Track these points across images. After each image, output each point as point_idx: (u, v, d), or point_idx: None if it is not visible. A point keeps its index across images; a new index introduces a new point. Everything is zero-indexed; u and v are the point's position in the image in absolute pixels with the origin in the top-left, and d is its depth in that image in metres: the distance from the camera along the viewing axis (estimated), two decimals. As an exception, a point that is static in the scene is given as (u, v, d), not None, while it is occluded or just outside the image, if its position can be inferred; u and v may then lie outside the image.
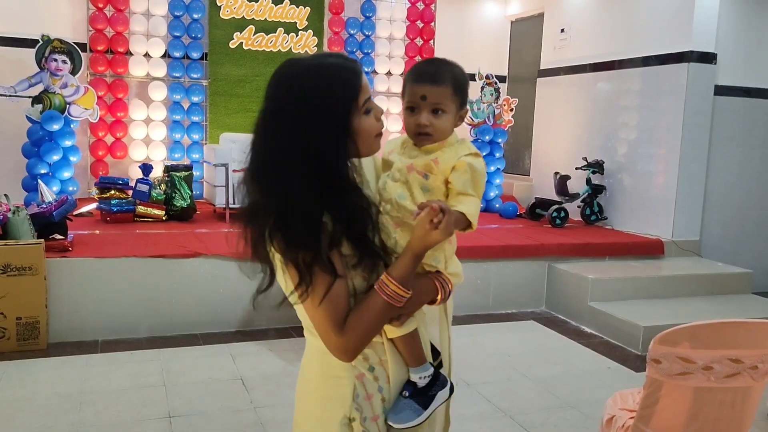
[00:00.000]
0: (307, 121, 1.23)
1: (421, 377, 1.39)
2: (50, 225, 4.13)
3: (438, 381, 1.42)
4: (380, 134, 1.37)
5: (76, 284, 3.97)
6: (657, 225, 5.70)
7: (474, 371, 3.75)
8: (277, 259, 1.28)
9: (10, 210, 3.98)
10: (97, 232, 4.79)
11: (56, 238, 4.08)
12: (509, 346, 4.25)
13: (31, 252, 3.71)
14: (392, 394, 1.39)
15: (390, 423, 1.37)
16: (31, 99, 5.55)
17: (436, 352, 1.49)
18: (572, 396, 3.48)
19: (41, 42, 5.57)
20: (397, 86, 7.01)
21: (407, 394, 1.39)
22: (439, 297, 1.39)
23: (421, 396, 1.39)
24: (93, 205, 5.44)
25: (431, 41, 7.43)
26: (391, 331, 1.36)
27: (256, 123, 1.28)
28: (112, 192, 5.26)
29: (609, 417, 2.43)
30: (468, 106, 1.47)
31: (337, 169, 1.25)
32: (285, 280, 1.30)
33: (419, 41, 7.41)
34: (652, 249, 5.48)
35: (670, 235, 5.56)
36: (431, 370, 1.41)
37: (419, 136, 1.41)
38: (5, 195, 4.15)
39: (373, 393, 1.37)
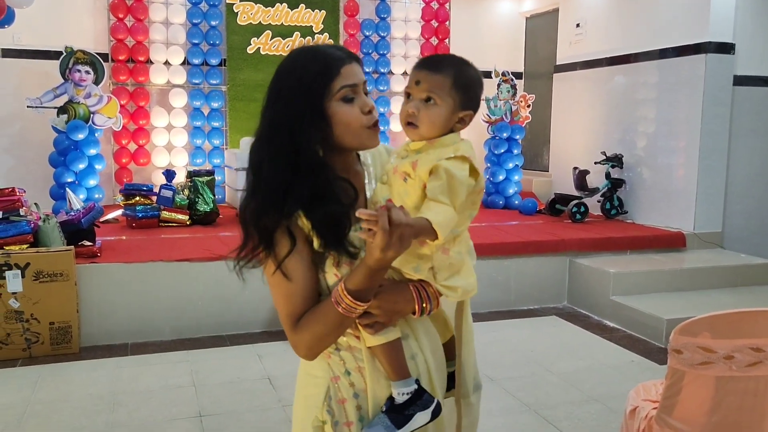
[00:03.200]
0: (284, 101, 1.29)
1: (400, 393, 1.31)
2: (79, 232, 4.24)
3: (420, 400, 1.32)
4: (372, 127, 1.33)
5: (105, 289, 4.07)
6: (678, 218, 5.67)
7: (497, 367, 3.78)
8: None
9: (40, 218, 4.10)
10: (124, 237, 4.90)
11: (85, 244, 4.18)
12: (532, 342, 4.28)
13: (61, 258, 3.82)
14: (371, 404, 1.33)
15: None
16: (56, 109, 5.69)
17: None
18: (596, 390, 3.50)
19: (65, 54, 5.70)
20: (414, 86, 7.03)
21: (384, 409, 1.31)
22: (416, 307, 1.31)
23: (396, 413, 1.30)
24: (119, 212, 5.56)
25: (446, 40, 7.46)
26: (368, 338, 1.30)
27: None
28: (137, 198, 5.37)
29: (632, 408, 2.45)
30: (473, 111, 1.38)
31: (303, 146, 1.27)
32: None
33: (434, 41, 7.44)
34: (673, 242, 5.46)
35: (692, 228, 5.54)
36: (413, 387, 1.32)
37: (407, 126, 1.35)
38: (35, 204, 4.27)
39: (347, 398, 1.33)
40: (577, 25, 7.02)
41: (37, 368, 3.71)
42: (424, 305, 1.32)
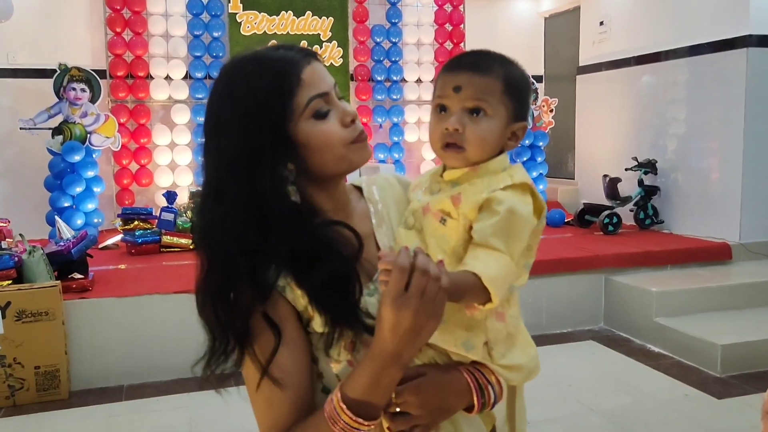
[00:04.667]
0: (229, 136, 0.92)
1: None
2: (69, 264, 3.88)
3: None
4: (358, 140, 0.98)
5: (97, 327, 3.71)
6: (721, 227, 5.20)
7: (534, 406, 3.31)
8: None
9: (26, 250, 3.75)
10: (122, 266, 4.54)
11: (75, 277, 3.83)
12: (569, 373, 3.84)
13: (46, 295, 3.45)
14: None
15: None
16: (51, 131, 5.37)
17: None
18: (650, 433, 3.06)
19: (58, 71, 5.40)
20: (428, 94, 6.64)
21: None
22: (475, 402, 0.95)
23: None
24: (118, 237, 5.22)
25: (461, 44, 7.06)
26: None
27: None
28: (136, 223, 5.03)
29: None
30: (526, 122, 1.05)
31: (268, 193, 0.91)
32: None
33: (449, 45, 7.05)
34: (718, 254, 4.99)
35: (737, 238, 5.07)
36: None
37: (447, 149, 0.98)
38: (20, 234, 3.93)
39: None
40: (601, 23, 6.59)
41: (21, 419, 3.34)
42: (485, 398, 0.95)
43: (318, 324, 0.92)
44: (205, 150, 0.96)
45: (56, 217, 4.81)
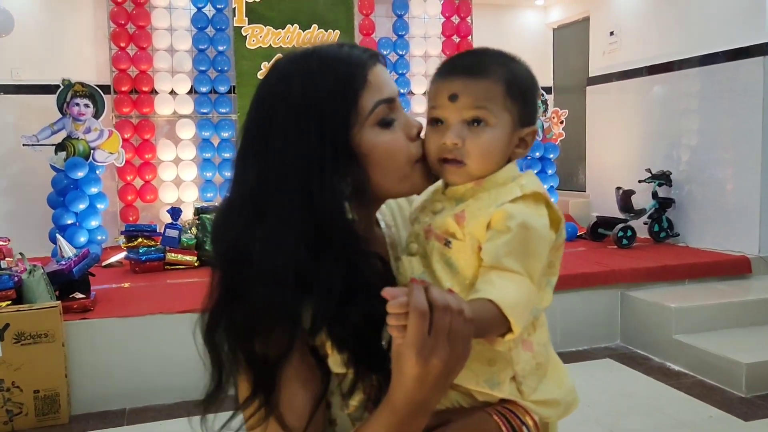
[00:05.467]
0: (284, 139, 0.79)
1: None
2: (70, 282, 3.78)
3: None
4: (422, 161, 0.87)
5: (98, 348, 3.60)
6: (739, 239, 5.06)
7: (551, 429, 3.21)
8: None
9: (26, 270, 3.65)
10: (126, 285, 4.44)
11: (76, 297, 3.72)
12: (587, 393, 3.68)
13: (46, 316, 3.35)
14: None
15: None
16: (54, 147, 5.30)
17: None
18: (675, 458, 2.92)
19: (62, 87, 5.33)
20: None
21: None
22: None
23: None
24: (121, 255, 5.12)
25: (469, 56, 6.97)
26: None
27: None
28: (140, 240, 4.93)
29: None
30: (535, 125, 0.95)
31: (327, 207, 0.78)
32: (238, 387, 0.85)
33: (457, 57, 6.96)
34: (737, 267, 4.85)
35: (757, 251, 4.92)
36: None
37: (445, 164, 0.87)
38: (20, 253, 3.84)
39: None
40: (611, 33, 6.50)
41: (19, 445, 3.23)
42: None
43: (336, 363, 0.81)
44: (244, 154, 0.84)
45: (57, 235, 4.71)
